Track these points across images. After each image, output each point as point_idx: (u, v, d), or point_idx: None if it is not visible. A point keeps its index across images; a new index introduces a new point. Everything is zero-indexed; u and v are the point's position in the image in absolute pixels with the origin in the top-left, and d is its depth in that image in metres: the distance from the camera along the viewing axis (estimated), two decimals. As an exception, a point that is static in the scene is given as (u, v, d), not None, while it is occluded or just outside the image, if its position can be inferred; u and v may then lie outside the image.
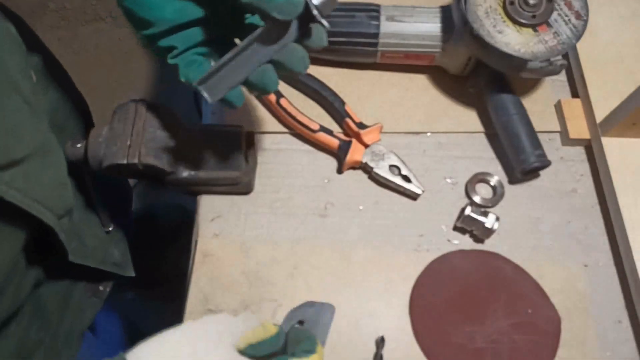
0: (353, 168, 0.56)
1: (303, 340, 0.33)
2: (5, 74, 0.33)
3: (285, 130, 0.58)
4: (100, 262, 0.49)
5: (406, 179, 0.53)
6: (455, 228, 0.53)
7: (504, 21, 0.52)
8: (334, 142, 0.54)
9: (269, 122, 0.58)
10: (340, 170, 0.56)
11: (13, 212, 0.33)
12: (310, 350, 0.32)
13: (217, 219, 0.53)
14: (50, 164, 0.37)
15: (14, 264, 0.37)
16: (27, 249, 0.38)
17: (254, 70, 0.33)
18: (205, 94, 0.33)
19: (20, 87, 0.35)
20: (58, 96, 0.48)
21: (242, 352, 0.31)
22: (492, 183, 0.54)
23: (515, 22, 0.51)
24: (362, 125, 0.55)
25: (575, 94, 0.60)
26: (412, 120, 0.58)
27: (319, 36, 0.33)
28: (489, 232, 0.50)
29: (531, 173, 0.54)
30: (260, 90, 0.35)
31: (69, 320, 0.48)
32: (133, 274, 0.56)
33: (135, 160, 0.44)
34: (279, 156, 0.57)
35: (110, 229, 0.55)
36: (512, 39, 0.51)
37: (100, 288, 0.54)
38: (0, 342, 0.40)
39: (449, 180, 0.56)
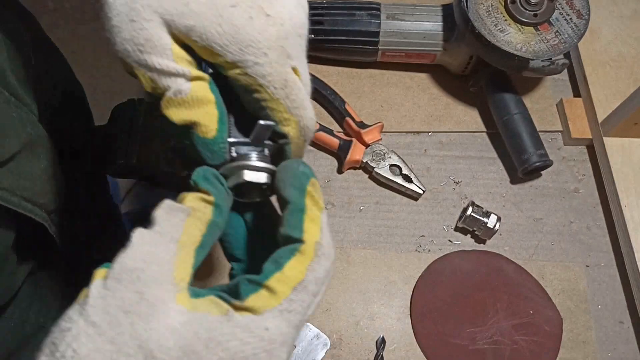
0: (353, 168, 0.56)
1: (283, 222, 0.24)
2: None
3: (285, 129, 0.57)
4: (91, 250, 0.49)
5: (407, 178, 0.53)
6: (457, 228, 0.53)
7: (506, 20, 0.51)
8: (334, 142, 0.54)
9: (268, 121, 0.58)
10: (340, 170, 0.55)
11: (1, 210, 0.32)
12: (295, 238, 0.24)
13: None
14: (39, 158, 0.36)
15: (4, 259, 0.36)
16: (19, 244, 0.37)
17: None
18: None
19: (8, 78, 0.34)
20: (53, 79, 0.47)
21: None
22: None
23: (516, 20, 0.51)
24: (362, 125, 0.55)
25: (577, 94, 0.60)
26: (413, 120, 0.58)
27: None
28: (491, 232, 0.50)
29: (533, 173, 0.53)
30: None
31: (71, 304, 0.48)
32: None
33: (134, 160, 0.44)
34: (279, 156, 0.56)
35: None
36: (513, 38, 0.50)
37: None
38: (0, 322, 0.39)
39: (450, 180, 0.55)
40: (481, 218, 0.50)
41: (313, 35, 0.57)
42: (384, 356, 0.47)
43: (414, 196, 0.54)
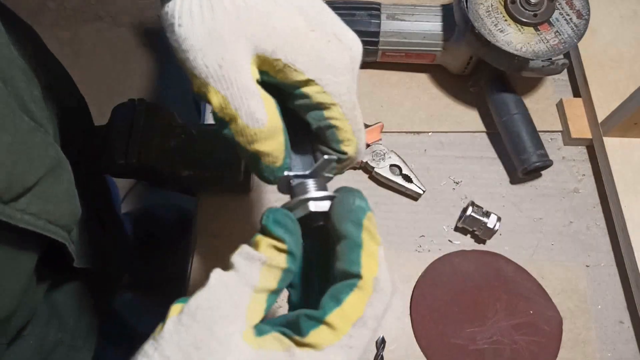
0: (353, 168, 0.56)
1: (340, 258, 0.25)
2: (16, 96, 0.32)
3: (285, 129, 0.57)
4: (104, 264, 0.49)
5: (407, 178, 0.53)
6: (457, 228, 0.53)
7: (506, 20, 0.51)
8: (335, 142, 0.54)
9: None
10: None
11: (26, 236, 0.32)
12: (353, 274, 0.24)
13: (216, 219, 0.52)
14: (61, 179, 0.36)
15: (29, 283, 0.36)
16: (37, 267, 0.38)
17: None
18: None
19: (26, 102, 0.34)
20: (56, 92, 0.47)
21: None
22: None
23: (516, 21, 0.51)
24: (362, 125, 0.55)
25: (576, 94, 0.60)
26: (413, 120, 0.58)
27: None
28: (491, 232, 0.50)
29: (533, 173, 0.54)
30: None
31: (86, 317, 0.48)
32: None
33: (134, 160, 0.44)
34: (279, 156, 0.56)
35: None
36: (513, 38, 0.50)
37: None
38: (19, 342, 0.39)
39: (450, 180, 0.55)
40: (481, 218, 0.50)
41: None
42: (384, 356, 0.47)
43: (414, 196, 0.54)
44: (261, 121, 0.25)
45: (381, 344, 0.47)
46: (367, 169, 0.55)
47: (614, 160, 0.52)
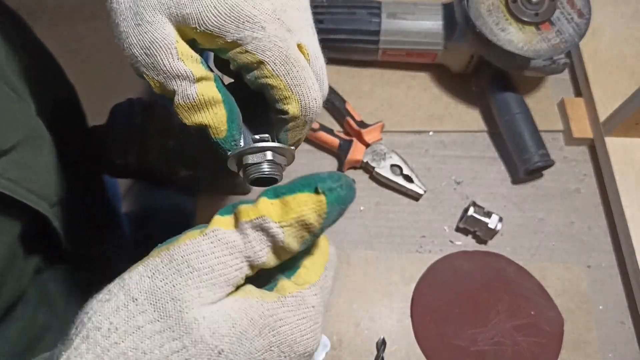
0: (354, 168, 0.55)
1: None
2: None
3: (285, 129, 0.57)
4: (94, 249, 0.49)
5: (408, 179, 0.53)
6: (458, 229, 0.52)
7: (507, 19, 0.51)
8: (335, 141, 0.54)
9: (268, 121, 0.58)
10: (340, 170, 0.55)
11: (6, 202, 0.32)
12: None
13: (216, 220, 0.52)
14: (41, 150, 0.37)
15: (12, 253, 0.37)
16: (24, 238, 0.38)
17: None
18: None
19: (7, 73, 0.35)
20: (44, 78, 0.47)
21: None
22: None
23: (518, 20, 0.51)
24: (363, 124, 0.54)
25: (578, 93, 0.59)
26: (414, 119, 0.58)
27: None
28: (492, 232, 0.50)
29: (534, 173, 0.53)
30: None
31: (77, 306, 0.48)
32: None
33: (133, 161, 0.44)
34: (279, 156, 0.56)
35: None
36: (514, 37, 0.50)
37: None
38: (7, 325, 0.39)
39: (451, 180, 0.55)
40: (482, 218, 0.50)
41: (313, 35, 0.56)
42: (385, 357, 0.46)
43: (415, 196, 0.53)
44: (192, 96, 0.25)
45: (382, 345, 0.46)
46: (367, 169, 0.54)
47: (615, 160, 0.52)
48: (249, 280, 0.24)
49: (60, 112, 0.49)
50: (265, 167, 0.27)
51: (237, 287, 0.23)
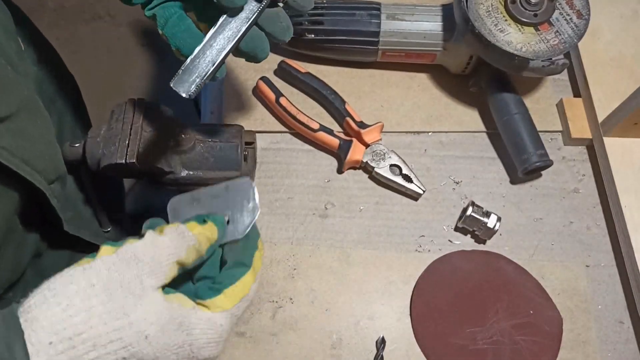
0: (353, 168, 0.56)
1: (238, 251, 0.33)
2: None
3: (285, 129, 0.57)
4: (94, 235, 0.49)
5: (407, 178, 0.53)
6: (457, 228, 0.53)
7: (506, 20, 0.51)
8: (334, 142, 0.54)
9: (268, 121, 0.58)
10: (340, 170, 0.55)
11: (2, 172, 0.33)
12: (245, 264, 0.32)
13: (216, 219, 0.52)
14: (37, 123, 0.37)
15: (11, 226, 0.37)
16: (23, 214, 0.38)
17: (231, 49, 0.34)
18: (182, 93, 0.33)
19: (4, 47, 0.36)
20: (45, 68, 0.48)
21: (169, 285, 0.29)
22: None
23: (516, 20, 0.51)
24: (362, 125, 0.55)
25: (577, 94, 0.60)
26: (413, 120, 0.58)
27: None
28: (491, 232, 0.50)
29: (533, 173, 0.53)
30: (251, 59, 0.36)
31: None
32: None
33: (134, 160, 0.44)
34: (279, 156, 0.56)
35: (108, 229, 0.54)
36: (513, 38, 0.50)
37: None
38: (3, 305, 0.39)
39: (450, 180, 0.55)
40: (481, 218, 0.50)
41: (313, 35, 0.57)
42: (384, 356, 0.46)
43: (414, 196, 0.54)
44: None
45: (381, 344, 0.47)
46: (367, 169, 0.55)
47: (614, 160, 0.52)
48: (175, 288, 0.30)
49: (63, 103, 0.50)
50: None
51: (167, 289, 0.29)
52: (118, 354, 0.25)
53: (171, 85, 0.33)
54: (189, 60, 0.33)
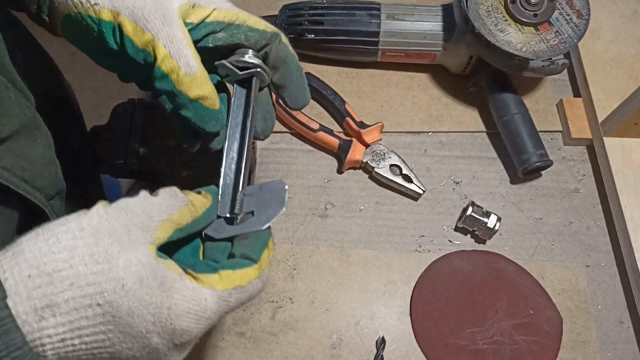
0: (353, 168, 0.56)
1: (247, 246, 0.31)
2: None
3: (285, 129, 0.57)
4: None
5: (407, 178, 0.53)
6: (457, 228, 0.53)
7: (506, 20, 0.51)
8: (334, 142, 0.54)
9: (268, 121, 0.58)
10: (340, 170, 0.55)
11: (2, 191, 0.32)
12: (252, 259, 0.30)
13: (216, 219, 0.52)
14: (38, 142, 0.37)
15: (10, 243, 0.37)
16: (22, 231, 0.38)
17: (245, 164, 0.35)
18: (227, 214, 0.33)
19: (5, 65, 0.36)
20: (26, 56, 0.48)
21: (162, 245, 0.29)
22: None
23: (516, 20, 0.51)
24: (362, 125, 0.55)
25: (577, 94, 0.60)
26: (413, 120, 0.58)
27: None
28: (491, 232, 0.50)
29: (533, 173, 0.53)
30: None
31: None
32: None
33: (134, 160, 0.44)
34: (279, 156, 0.56)
35: None
36: (513, 38, 0.50)
37: None
38: None
39: (450, 180, 0.55)
40: (481, 218, 0.50)
41: (313, 35, 0.57)
42: (384, 356, 0.47)
43: (414, 196, 0.54)
44: (194, 67, 0.29)
45: (381, 343, 0.47)
46: (367, 169, 0.55)
47: (614, 161, 0.52)
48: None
49: (58, 111, 0.49)
50: None
51: (161, 254, 0.28)
52: (93, 299, 0.25)
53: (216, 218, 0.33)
54: (220, 197, 0.33)
